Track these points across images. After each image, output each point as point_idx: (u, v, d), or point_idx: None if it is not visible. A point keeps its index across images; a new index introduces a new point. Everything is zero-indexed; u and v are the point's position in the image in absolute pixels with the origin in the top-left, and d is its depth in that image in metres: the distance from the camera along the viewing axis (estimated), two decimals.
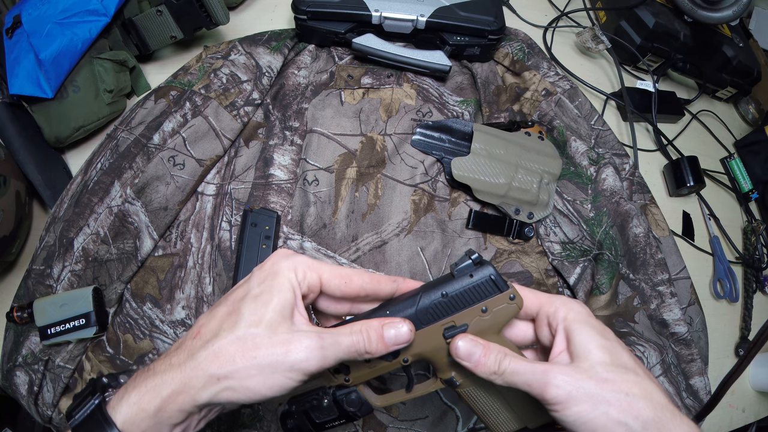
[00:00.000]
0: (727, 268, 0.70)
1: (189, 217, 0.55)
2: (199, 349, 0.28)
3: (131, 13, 0.57)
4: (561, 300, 0.33)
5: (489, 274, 0.31)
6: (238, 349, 0.27)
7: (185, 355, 0.28)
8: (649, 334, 0.56)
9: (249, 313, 0.28)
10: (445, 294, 0.31)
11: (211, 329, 0.29)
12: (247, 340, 0.28)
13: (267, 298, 0.29)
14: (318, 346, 0.28)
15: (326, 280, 0.31)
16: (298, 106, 0.61)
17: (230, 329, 0.28)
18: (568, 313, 0.32)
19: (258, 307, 0.28)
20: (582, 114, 0.67)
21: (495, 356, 0.31)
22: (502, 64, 0.69)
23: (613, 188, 0.61)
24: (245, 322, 0.28)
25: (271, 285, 0.29)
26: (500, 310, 0.32)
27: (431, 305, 0.32)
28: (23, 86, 0.51)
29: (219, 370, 0.27)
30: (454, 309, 0.32)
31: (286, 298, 0.29)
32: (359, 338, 0.30)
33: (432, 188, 0.60)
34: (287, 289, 0.29)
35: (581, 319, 0.31)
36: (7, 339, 0.50)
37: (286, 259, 0.30)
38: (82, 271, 0.50)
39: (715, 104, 0.89)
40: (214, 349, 0.28)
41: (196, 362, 0.28)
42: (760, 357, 0.67)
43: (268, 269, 0.30)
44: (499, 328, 0.33)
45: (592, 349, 0.30)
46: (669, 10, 0.79)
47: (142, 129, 0.55)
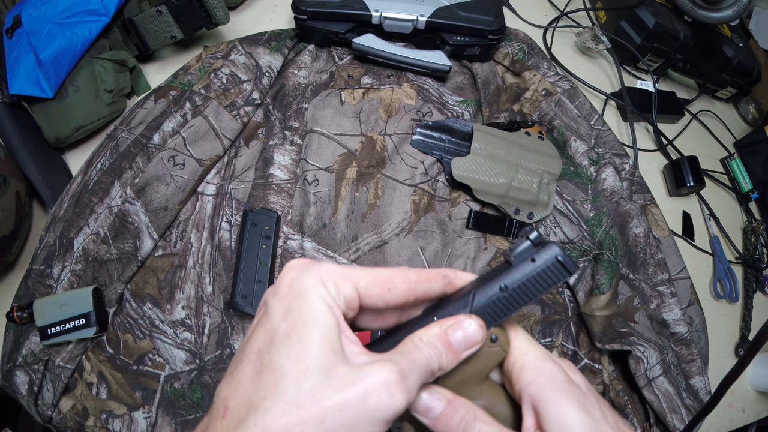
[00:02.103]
0: (727, 268, 0.70)
1: (189, 217, 0.55)
2: (235, 431, 0.20)
3: (131, 13, 0.57)
4: (534, 355, 0.25)
5: (555, 255, 0.24)
6: (294, 419, 0.19)
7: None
8: (649, 334, 0.56)
9: (290, 364, 0.20)
10: (504, 287, 0.25)
11: (243, 402, 0.21)
12: (303, 401, 0.20)
13: (304, 335, 0.21)
14: (399, 378, 0.20)
15: (364, 289, 0.23)
16: (298, 106, 0.61)
17: (272, 395, 0.20)
18: (537, 377, 0.24)
19: (297, 352, 0.20)
20: (582, 114, 0.67)
21: (461, 417, 0.24)
22: (502, 64, 0.69)
23: (613, 188, 0.61)
24: (290, 378, 0.20)
25: (302, 315, 0.21)
26: (479, 355, 0.25)
27: (489, 303, 0.25)
28: (23, 86, 0.51)
29: None
30: (519, 303, 0.25)
31: (328, 325, 0.21)
32: (430, 352, 0.22)
33: (432, 188, 0.60)
34: (324, 313, 0.21)
35: (556, 387, 0.24)
36: (7, 339, 0.50)
37: (307, 273, 0.22)
38: (82, 271, 0.50)
39: (715, 104, 0.89)
40: (258, 426, 0.19)
41: None
42: (760, 357, 0.67)
43: (287, 292, 0.22)
44: (483, 375, 0.26)
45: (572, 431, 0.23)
46: (669, 10, 0.79)
47: (142, 129, 0.55)
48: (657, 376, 0.54)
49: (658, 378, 0.54)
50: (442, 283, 0.26)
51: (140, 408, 0.50)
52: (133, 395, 0.50)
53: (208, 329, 0.52)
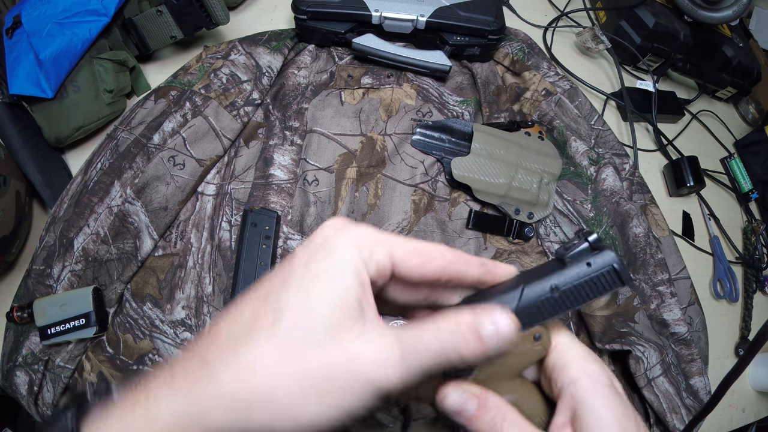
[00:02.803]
0: (727, 268, 0.70)
1: (189, 217, 0.55)
2: (217, 358, 0.19)
3: (131, 13, 0.57)
4: (577, 353, 0.24)
5: (611, 262, 0.23)
6: (277, 360, 0.19)
7: (196, 365, 0.19)
8: (649, 334, 0.56)
9: (294, 306, 0.19)
10: (555, 287, 0.23)
11: (236, 329, 0.20)
12: (294, 346, 0.19)
13: (320, 287, 0.20)
14: (398, 356, 0.19)
15: (400, 258, 0.22)
16: (298, 106, 0.61)
17: (266, 330, 0.19)
18: (581, 377, 0.23)
19: (307, 298, 0.20)
20: (582, 114, 0.67)
21: (491, 417, 0.23)
22: (502, 64, 0.69)
23: (613, 188, 0.61)
24: (289, 319, 0.19)
25: (326, 267, 0.20)
26: (519, 352, 0.24)
27: (537, 302, 0.24)
28: (23, 86, 0.51)
29: (249, 392, 0.18)
30: (566, 307, 0.24)
31: (348, 286, 0.20)
32: (450, 336, 0.21)
33: (432, 188, 0.60)
34: (349, 272, 0.20)
35: (599, 391, 0.23)
36: (7, 339, 0.50)
37: (344, 231, 0.21)
38: (82, 271, 0.50)
39: (715, 104, 0.89)
40: (242, 359, 0.19)
41: (213, 378, 0.19)
42: (760, 357, 0.67)
43: (317, 246, 0.21)
44: (517, 372, 0.25)
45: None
46: (669, 10, 0.79)
47: (142, 129, 0.55)
48: (657, 376, 0.54)
49: (658, 378, 0.54)
50: (480, 270, 0.24)
51: None
52: None
53: None
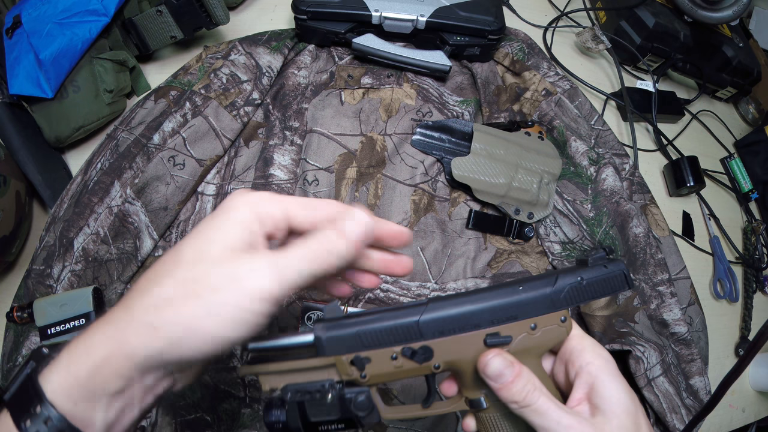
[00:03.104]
0: (727, 268, 0.70)
1: (189, 217, 0.55)
2: (135, 299, 0.24)
3: (131, 13, 0.57)
4: (591, 342, 0.30)
5: (622, 269, 0.30)
6: (178, 292, 0.24)
7: (121, 309, 0.24)
8: (649, 334, 0.56)
9: (191, 251, 0.25)
10: (582, 279, 0.29)
11: (149, 278, 0.25)
12: (188, 279, 0.24)
13: (212, 235, 0.25)
14: (269, 263, 0.24)
15: (293, 210, 0.27)
16: (298, 106, 0.61)
17: (169, 273, 0.24)
18: (595, 359, 0.29)
19: (201, 244, 0.25)
20: (582, 114, 0.67)
21: (524, 385, 0.27)
22: (502, 64, 0.69)
23: (613, 188, 0.61)
24: (186, 261, 0.25)
25: (220, 221, 0.26)
26: (549, 330, 0.29)
27: (569, 286, 0.29)
28: (23, 86, 0.51)
29: (157, 318, 0.23)
30: (585, 297, 0.30)
31: (236, 232, 0.25)
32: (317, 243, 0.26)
33: (432, 188, 0.60)
34: (238, 222, 0.25)
35: (611, 371, 0.28)
36: (7, 339, 0.50)
37: (243, 196, 0.27)
38: (82, 271, 0.50)
39: (715, 104, 0.89)
40: (152, 297, 0.24)
41: (131, 314, 0.24)
42: (760, 357, 0.67)
43: (219, 208, 0.27)
44: (542, 351, 0.30)
45: (619, 411, 0.27)
46: (669, 10, 0.79)
47: (142, 129, 0.55)
48: (657, 376, 0.54)
49: (658, 378, 0.54)
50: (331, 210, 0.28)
51: None
52: None
53: None
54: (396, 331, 0.29)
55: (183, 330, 0.23)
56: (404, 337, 0.29)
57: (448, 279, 0.56)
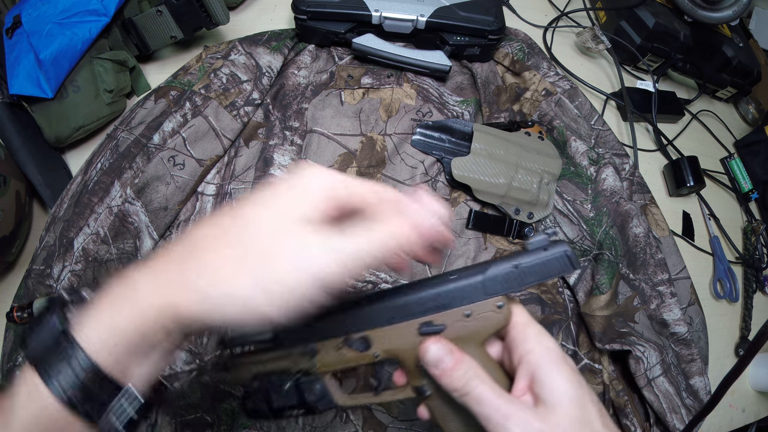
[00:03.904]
0: (727, 268, 0.70)
1: (189, 217, 0.55)
2: (185, 255, 0.23)
3: (131, 13, 0.57)
4: (535, 329, 0.29)
5: (564, 250, 0.28)
6: (232, 253, 0.22)
7: (168, 261, 0.23)
8: (649, 334, 0.56)
9: (254, 219, 0.23)
10: (517, 265, 0.29)
11: (203, 234, 0.24)
12: (245, 243, 0.22)
13: (278, 204, 0.23)
14: (334, 248, 0.22)
15: (358, 191, 0.25)
16: (298, 106, 0.61)
17: (226, 234, 0.23)
18: (536, 347, 0.27)
19: (265, 212, 0.23)
20: (582, 114, 0.67)
21: (464, 372, 0.27)
22: (502, 64, 0.69)
23: (613, 188, 0.61)
24: (248, 228, 0.23)
25: (288, 191, 0.24)
26: (484, 317, 0.29)
27: (501, 274, 0.29)
28: (23, 86, 0.51)
29: (210, 285, 0.22)
30: (524, 282, 0.29)
31: (303, 206, 0.23)
32: (386, 231, 0.24)
33: (432, 188, 0.60)
34: (307, 196, 0.24)
35: (554, 358, 0.27)
36: (7, 339, 0.50)
37: (313, 169, 0.25)
38: (82, 271, 0.50)
39: (715, 104, 0.89)
40: (204, 254, 0.23)
41: (181, 269, 0.23)
42: (760, 357, 0.67)
43: (287, 178, 0.25)
44: (481, 339, 0.29)
45: (562, 400, 0.26)
46: (669, 10, 0.79)
47: (142, 129, 0.55)
48: (657, 376, 0.54)
49: (658, 378, 0.54)
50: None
51: None
52: None
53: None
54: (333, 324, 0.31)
55: (233, 302, 0.22)
56: (344, 329, 0.31)
57: None
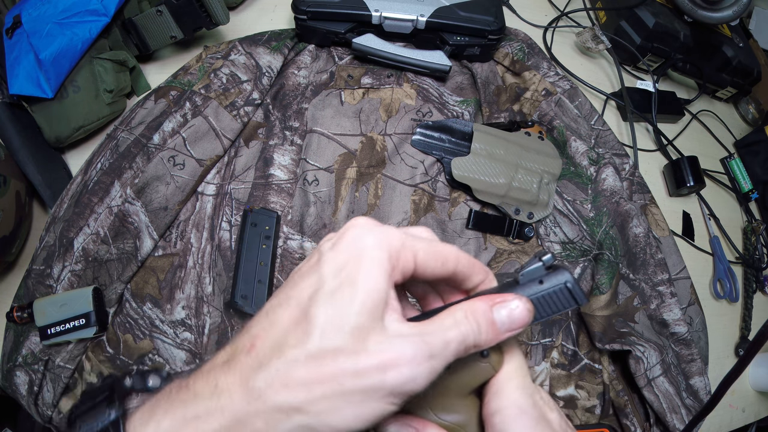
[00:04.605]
0: (727, 268, 0.70)
1: (189, 217, 0.55)
2: (257, 371, 0.20)
3: (131, 13, 0.57)
4: (514, 384, 0.24)
5: (565, 281, 0.23)
6: (314, 372, 0.20)
7: (238, 377, 0.20)
8: (649, 334, 0.56)
9: (325, 319, 0.20)
10: None
11: (271, 343, 0.21)
12: (327, 358, 0.20)
13: (350, 294, 0.20)
14: (426, 356, 0.20)
15: (422, 260, 0.22)
16: (298, 106, 0.61)
17: (299, 343, 0.20)
18: (508, 409, 0.23)
19: (338, 309, 0.20)
20: (582, 114, 0.67)
21: None
22: (502, 64, 0.69)
23: (613, 188, 0.61)
24: (320, 331, 0.20)
25: (355, 274, 0.20)
26: (467, 368, 0.24)
27: None
28: (23, 86, 0.51)
29: (290, 401, 0.19)
30: None
31: (378, 291, 0.20)
32: (468, 328, 0.21)
33: (432, 188, 0.60)
34: (379, 278, 0.21)
35: (522, 423, 0.23)
36: (7, 339, 0.50)
37: (372, 233, 0.21)
38: (82, 271, 0.50)
39: (715, 104, 0.89)
40: (280, 372, 0.20)
41: (256, 391, 0.20)
42: (760, 357, 0.67)
43: (346, 248, 0.21)
44: (465, 390, 0.25)
45: None
46: (669, 10, 0.79)
47: (142, 129, 0.55)
48: (657, 376, 0.54)
49: (658, 378, 0.54)
50: (483, 276, 0.25)
51: None
52: None
53: (208, 329, 0.52)
54: None
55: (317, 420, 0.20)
56: None
57: None
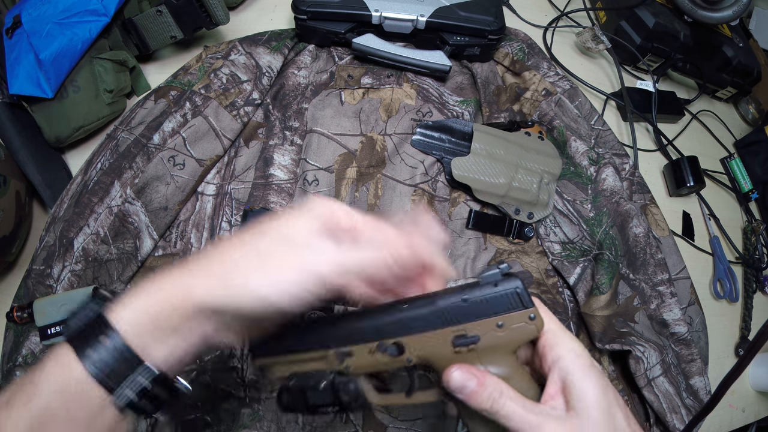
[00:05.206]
0: (727, 268, 0.70)
1: (189, 217, 0.55)
2: (213, 257, 0.28)
3: (131, 13, 0.57)
4: (564, 336, 0.30)
5: (515, 287, 0.29)
6: (250, 260, 0.27)
7: (194, 260, 0.28)
8: (649, 334, 0.56)
9: (270, 229, 0.28)
10: (466, 299, 0.30)
11: (227, 243, 0.28)
12: (260, 249, 0.27)
13: (291, 220, 0.28)
14: (333, 253, 0.27)
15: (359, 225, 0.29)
16: (298, 106, 0.61)
17: (245, 243, 0.28)
18: (567, 354, 0.29)
19: (280, 225, 0.28)
20: (582, 114, 0.67)
21: (489, 393, 0.28)
22: (502, 64, 0.69)
23: (613, 188, 0.61)
24: (264, 236, 0.28)
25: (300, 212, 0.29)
26: (517, 328, 0.30)
27: (448, 307, 0.30)
28: (23, 86, 0.51)
29: (226, 276, 0.27)
30: (471, 317, 0.30)
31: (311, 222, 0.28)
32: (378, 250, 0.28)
33: (432, 188, 0.60)
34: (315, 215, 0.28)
35: (583, 365, 0.29)
36: (7, 339, 0.50)
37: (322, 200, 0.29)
38: (82, 271, 0.50)
39: (715, 104, 0.89)
40: (226, 256, 0.27)
41: (207, 268, 0.27)
42: (760, 357, 0.67)
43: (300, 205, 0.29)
44: (513, 348, 0.30)
45: (591, 406, 0.28)
46: (669, 10, 0.79)
47: (142, 129, 0.55)
48: (657, 376, 0.54)
49: (658, 378, 0.54)
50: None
51: None
52: None
53: None
54: None
55: (244, 290, 0.26)
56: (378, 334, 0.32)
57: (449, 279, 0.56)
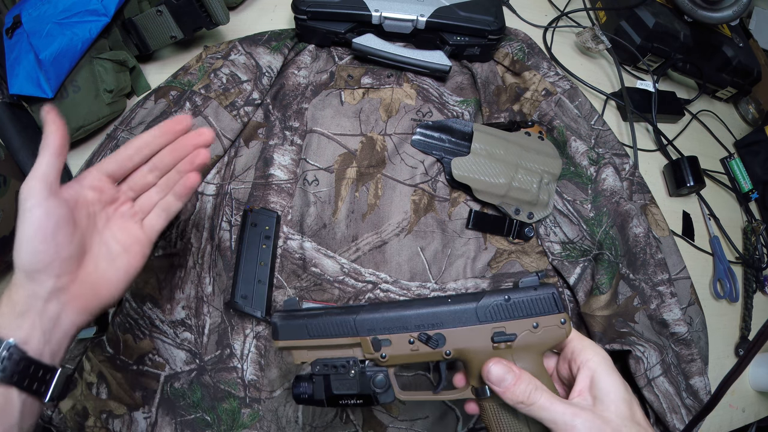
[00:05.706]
0: (727, 268, 0.70)
1: (189, 217, 0.55)
2: None
3: (131, 13, 0.57)
4: (589, 342, 0.35)
5: (552, 292, 0.34)
6: None
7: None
8: (649, 334, 0.56)
9: None
10: (508, 298, 0.33)
11: None
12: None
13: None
14: None
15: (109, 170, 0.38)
16: (298, 106, 0.61)
17: None
18: (594, 356, 0.33)
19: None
20: (582, 114, 0.67)
21: (525, 386, 0.32)
22: (502, 64, 0.69)
23: (613, 188, 0.61)
24: None
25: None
26: (550, 330, 0.34)
27: (492, 305, 0.33)
28: (23, 86, 0.51)
29: None
30: (512, 315, 0.33)
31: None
32: None
33: (432, 188, 0.60)
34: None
35: (608, 366, 0.33)
36: None
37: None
38: None
39: (715, 104, 0.89)
40: None
41: None
42: (760, 357, 0.67)
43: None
44: (543, 349, 0.34)
45: (616, 400, 0.32)
46: (669, 10, 0.79)
47: (142, 129, 0.55)
48: (657, 376, 0.54)
49: (658, 378, 0.54)
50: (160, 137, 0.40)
51: (140, 408, 0.50)
52: (133, 395, 0.50)
53: (208, 329, 0.52)
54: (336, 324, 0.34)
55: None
56: (421, 325, 0.34)
57: (448, 279, 0.57)
